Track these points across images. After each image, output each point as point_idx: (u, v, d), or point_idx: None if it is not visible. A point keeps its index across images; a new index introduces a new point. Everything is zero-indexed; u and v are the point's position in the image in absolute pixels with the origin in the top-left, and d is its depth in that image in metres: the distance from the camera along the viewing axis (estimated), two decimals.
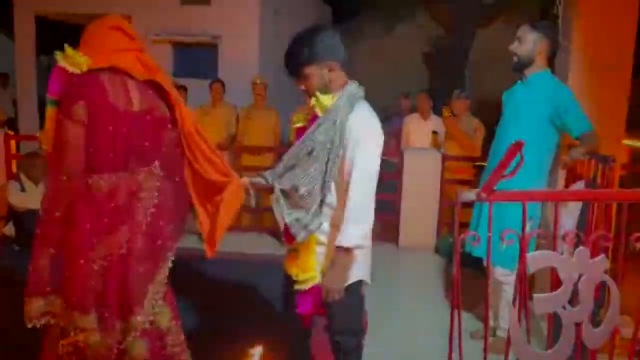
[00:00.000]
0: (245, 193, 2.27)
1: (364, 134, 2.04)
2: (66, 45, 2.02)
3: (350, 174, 2.02)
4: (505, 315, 3.18)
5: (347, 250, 2.06)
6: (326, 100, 2.13)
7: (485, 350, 2.01)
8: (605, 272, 1.92)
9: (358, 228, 2.05)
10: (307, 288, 2.16)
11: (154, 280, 2.10)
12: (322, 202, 2.09)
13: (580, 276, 1.88)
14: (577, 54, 3.44)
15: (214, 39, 8.92)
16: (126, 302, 2.05)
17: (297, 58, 2.13)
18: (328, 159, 2.05)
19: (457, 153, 5.33)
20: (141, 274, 2.06)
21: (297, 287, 2.18)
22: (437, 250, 5.09)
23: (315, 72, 2.12)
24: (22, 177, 4.98)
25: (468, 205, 3.68)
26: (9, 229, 4.95)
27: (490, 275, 2.98)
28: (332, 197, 2.11)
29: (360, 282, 2.26)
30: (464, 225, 3.45)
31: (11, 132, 6.13)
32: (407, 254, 5.09)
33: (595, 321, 2.04)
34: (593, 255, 1.89)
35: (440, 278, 4.45)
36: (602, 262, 1.89)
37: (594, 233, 1.97)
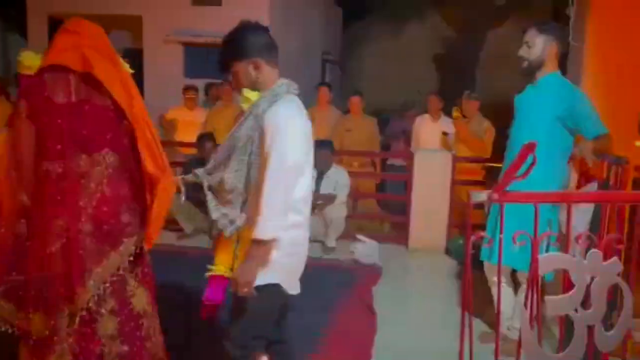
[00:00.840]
0: (177, 190, 2.30)
1: (279, 127, 2.02)
2: (21, 53, 2.37)
3: (266, 167, 2.02)
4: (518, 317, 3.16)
5: (260, 243, 2.01)
6: (252, 96, 2.20)
7: (496, 351, 2.00)
8: (618, 274, 1.91)
9: (271, 220, 2.00)
10: (215, 274, 2.17)
11: (100, 263, 2.14)
12: (247, 197, 2.10)
13: (592, 279, 1.87)
14: (589, 55, 3.42)
15: None
16: (69, 282, 2.11)
17: (223, 54, 2.19)
18: (251, 154, 2.08)
19: (467, 154, 5.31)
20: (81, 255, 2.11)
21: (208, 272, 2.18)
22: (447, 251, 5.07)
23: (240, 69, 2.16)
24: None
25: (479, 206, 3.67)
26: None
27: (501, 277, 2.97)
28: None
29: (276, 290, 2.14)
30: (476, 227, 3.43)
31: None
32: (417, 255, 5.08)
33: (608, 324, 2.02)
34: (606, 257, 1.88)
35: (450, 280, 4.43)
36: (614, 264, 1.88)
37: (607, 235, 1.96)
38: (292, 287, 2.23)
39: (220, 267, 2.17)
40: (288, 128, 2.03)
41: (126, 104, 2.20)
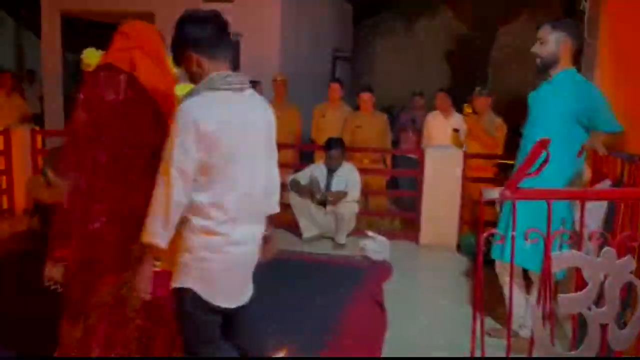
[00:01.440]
0: None
1: (172, 130, 1.93)
2: (84, 51, 2.55)
3: None
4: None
5: (145, 246, 1.96)
6: (180, 90, 2.26)
7: (508, 349, 1.99)
8: (632, 272, 1.89)
9: (150, 223, 1.94)
10: (159, 270, 2.15)
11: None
12: None
13: (606, 277, 1.86)
14: (603, 51, 3.38)
15: (236, 36, 8.96)
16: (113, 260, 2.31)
17: (171, 43, 2.11)
18: None
19: (478, 151, 5.28)
20: (121, 236, 2.27)
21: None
22: (458, 248, 5.05)
23: (182, 60, 2.07)
24: (48, 171, 5.07)
25: (491, 204, 3.65)
26: (35, 223, 5.05)
27: (514, 274, 2.95)
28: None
29: (190, 295, 2.01)
30: (487, 224, 3.42)
31: (37, 128, 6.25)
32: (428, 252, 5.07)
33: (621, 323, 2.01)
34: (619, 255, 1.86)
35: (461, 277, 4.42)
36: (628, 262, 1.86)
37: (621, 233, 1.94)
38: (216, 297, 2.03)
39: (164, 262, 2.15)
40: (179, 131, 1.90)
41: (165, 106, 2.32)
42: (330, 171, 5.15)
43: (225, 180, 1.98)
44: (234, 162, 1.98)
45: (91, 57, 2.79)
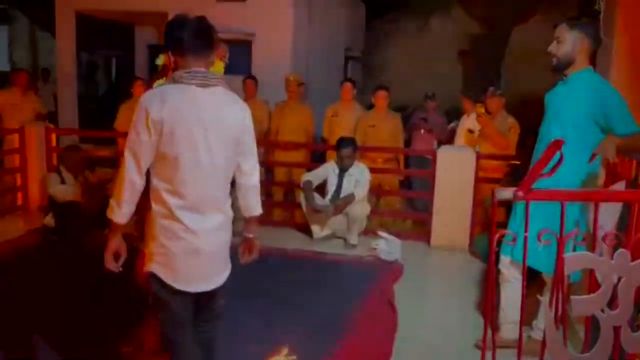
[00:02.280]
0: None
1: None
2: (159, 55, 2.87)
3: None
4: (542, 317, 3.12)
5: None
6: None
7: (519, 351, 1.98)
8: None
9: (111, 200, 2.14)
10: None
11: None
12: None
13: (619, 279, 1.84)
14: (619, 51, 3.34)
15: (248, 35, 9.00)
16: None
17: None
18: None
19: (491, 152, 5.25)
20: None
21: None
22: (470, 249, 5.03)
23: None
24: (62, 169, 5.12)
25: (504, 204, 3.63)
26: (49, 220, 5.10)
27: (512, 275, 2.93)
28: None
29: (154, 279, 2.17)
30: (499, 226, 3.39)
31: (52, 126, 6.31)
32: (439, 253, 5.04)
33: (635, 325, 1.98)
34: (634, 257, 1.84)
35: (472, 278, 4.40)
36: None
37: (635, 235, 1.92)
38: (177, 281, 2.15)
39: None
40: (134, 118, 2.08)
41: None
42: (342, 170, 5.15)
43: (182, 168, 2.09)
44: (191, 152, 2.08)
45: (162, 59, 3.03)
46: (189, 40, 2.15)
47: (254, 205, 2.35)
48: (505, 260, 3.12)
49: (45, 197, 5.43)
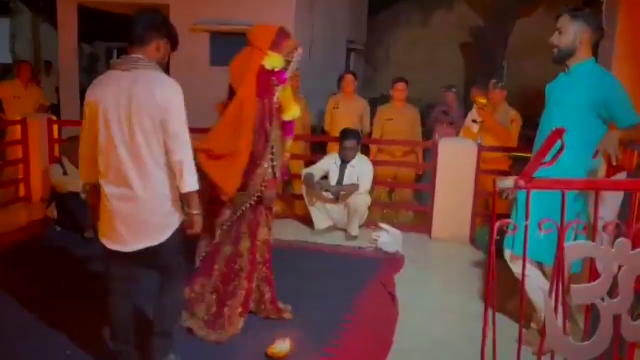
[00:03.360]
0: None
1: None
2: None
3: None
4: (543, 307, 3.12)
5: None
6: None
7: (520, 340, 1.99)
8: None
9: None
10: None
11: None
12: None
13: (620, 268, 1.84)
14: (621, 42, 3.33)
15: (249, 27, 8.96)
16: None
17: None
18: None
19: (493, 144, 5.24)
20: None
21: None
22: (472, 241, 5.03)
23: None
24: (65, 160, 5.13)
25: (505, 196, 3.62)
26: (52, 211, 5.11)
27: (526, 266, 2.93)
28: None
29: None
30: (501, 217, 3.39)
31: (54, 118, 6.32)
32: (440, 244, 5.05)
33: (635, 315, 1.99)
34: (634, 246, 1.85)
35: (474, 270, 4.40)
36: None
37: (636, 224, 1.92)
38: (107, 239, 2.57)
39: None
40: None
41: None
42: (344, 162, 5.15)
43: (104, 143, 2.45)
44: (110, 128, 2.42)
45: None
46: (130, 31, 2.51)
47: (182, 183, 2.47)
48: (507, 253, 3.12)
49: (47, 189, 5.45)
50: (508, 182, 1.82)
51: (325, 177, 5.24)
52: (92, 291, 3.68)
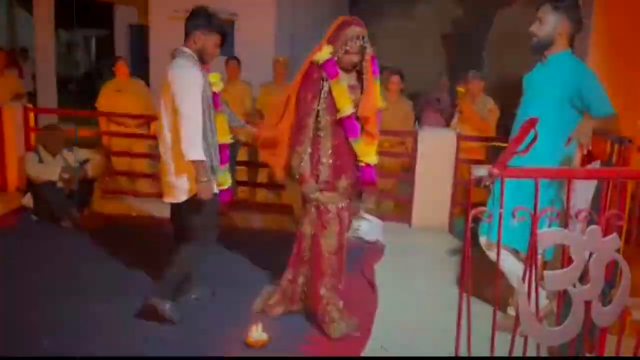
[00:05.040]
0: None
1: None
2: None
3: None
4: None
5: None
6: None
7: (493, 326, 2.02)
8: (617, 251, 1.92)
9: None
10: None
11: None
12: None
13: (591, 254, 1.88)
14: (596, 32, 3.38)
15: (231, 16, 8.89)
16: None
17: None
18: None
19: (470, 133, 5.29)
20: None
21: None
22: (451, 230, 5.08)
23: None
24: (40, 149, 5.05)
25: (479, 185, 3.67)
26: (28, 200, 5.04)
27: (500, 253, 2.97)
28: None
29: None
30: (477, 205, 3.43)
31: (30, 106, 6.20)
32: (420, 233, 5.09)
33: (606, 301, 2.04)
34: (605, 233, 1.89)
35: (453, 258, 4.45)
36: (613, 240, 1.89)
37: (607, 212, 1.96)
38: None
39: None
40: None
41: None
42: None
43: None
44: (160, 104, 3.06)
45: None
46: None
47: (184, 152, 2.90)
48: (483, 240, 3.17)
49: (23, 178, 5.36)
50: (482, 171, 1.84)
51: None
52: (68, 281, 3.66)
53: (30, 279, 3.70)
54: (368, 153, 3.19)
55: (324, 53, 3.03)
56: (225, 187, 3.27)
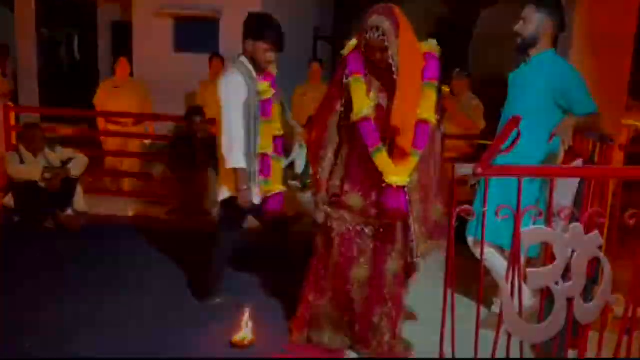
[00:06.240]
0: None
1: None
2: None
3: None
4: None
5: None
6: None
7: (477, 324, 2.03)
8: (599, 248, 1.93)
9: None
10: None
11: None
12: None
13: (573, 252, 1.90)
14: (578, 31, 3.41)
15: (215, 13, 8.82)
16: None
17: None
18: None
19: (455, 132, 5.32)
20: None
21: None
22: None
23: None
24: (22, 148, 4.98)
25: (466, 183, 3.69)
26: (9, 200, 4.96)
27: (484, 251, 2.98)
28: None
29: None
30: (462, 204, 3.43)
31: (10, 104, 6.11)
32: None
33: (588, 298, 2.06)
34: (587, 231, 1.90)
35: (439, 257, 4.45)
36: (595, 238, 1.90)
37: (589, 210, 1.98)
38: None
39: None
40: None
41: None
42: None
43: None
44: None
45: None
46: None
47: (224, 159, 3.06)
48: (470, 240, 3.18)
49: (4, 177, 5.28)
50: (466, 169, 1.84)
51: (292, 165, 5.24)
52: (51, 283, 3.61)
53: (12, 279, 3.64)
54: (394, 172, 2.57)
55: (349, 46, 2.72)
56: (273, 193, 3.21)
